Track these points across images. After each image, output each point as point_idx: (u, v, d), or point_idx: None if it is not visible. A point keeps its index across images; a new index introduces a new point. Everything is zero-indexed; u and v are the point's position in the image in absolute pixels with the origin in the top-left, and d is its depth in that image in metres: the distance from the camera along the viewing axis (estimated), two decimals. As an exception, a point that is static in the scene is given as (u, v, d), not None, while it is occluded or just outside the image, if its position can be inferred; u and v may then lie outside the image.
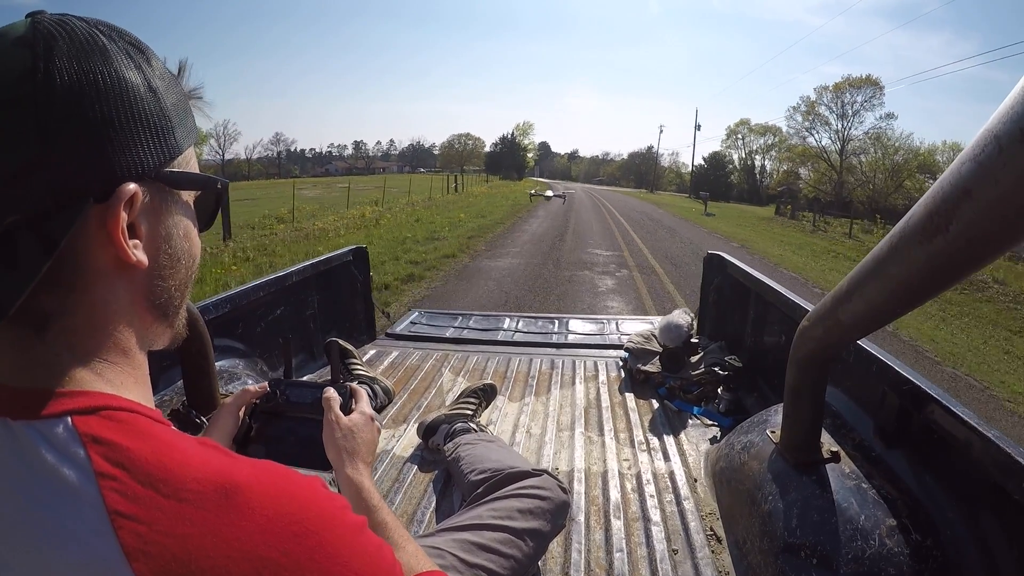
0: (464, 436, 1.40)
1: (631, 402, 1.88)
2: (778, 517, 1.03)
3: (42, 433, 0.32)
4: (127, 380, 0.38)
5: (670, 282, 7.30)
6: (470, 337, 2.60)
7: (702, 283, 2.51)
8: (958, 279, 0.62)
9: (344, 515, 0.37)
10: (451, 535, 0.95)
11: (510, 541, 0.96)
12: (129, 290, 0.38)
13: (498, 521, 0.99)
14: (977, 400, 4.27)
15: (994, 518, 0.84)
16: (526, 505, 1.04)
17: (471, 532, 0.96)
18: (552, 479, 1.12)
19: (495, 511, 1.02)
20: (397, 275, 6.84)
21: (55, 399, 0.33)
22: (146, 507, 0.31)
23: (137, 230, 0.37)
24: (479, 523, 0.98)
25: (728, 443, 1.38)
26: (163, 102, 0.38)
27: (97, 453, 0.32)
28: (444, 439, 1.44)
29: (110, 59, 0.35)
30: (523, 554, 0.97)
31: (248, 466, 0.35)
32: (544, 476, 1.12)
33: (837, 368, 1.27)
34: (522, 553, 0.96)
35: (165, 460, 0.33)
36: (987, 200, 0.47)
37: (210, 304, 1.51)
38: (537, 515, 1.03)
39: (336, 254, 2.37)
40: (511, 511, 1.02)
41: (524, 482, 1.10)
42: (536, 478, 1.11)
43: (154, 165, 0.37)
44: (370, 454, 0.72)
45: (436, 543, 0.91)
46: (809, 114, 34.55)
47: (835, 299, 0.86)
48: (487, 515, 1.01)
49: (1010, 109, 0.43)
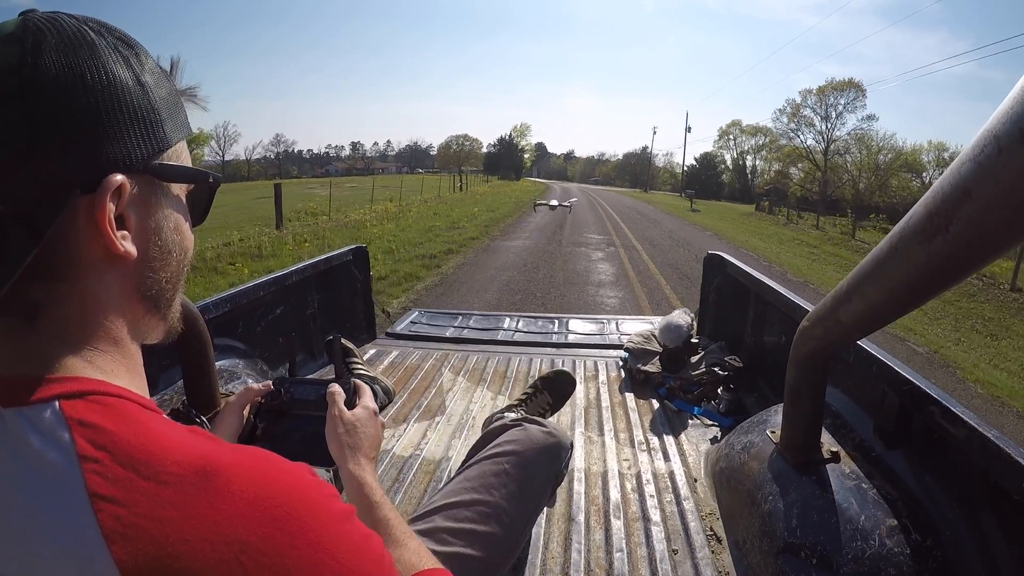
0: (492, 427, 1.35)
1: (631, 402, 1.88)
2: (778, 517, 1.03)
3: (30, 418, 0.32)
4: (118, 368, 0.39)
5: (647, 256, 9.80)
6: (470, 337, 2.60)
7: (702, 283, 2.51)
8: (958, 279, 0.62)
9: (329, 502, 0.37)
10: (423, 523, 0.88)
11: (486, 515, 0.89)
12: (119, 281, 0.39)
13: (470, 495, 0.92)
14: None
15: (994, 518, 0.84)
16: (500, 466, 0.96)
17: (443, 515, 0.89)
18: (532, 425, 1.04)
19: (468, 482, 0.95)
20: (439, 251, 9.01)
21: (44, 385, 0.34)
22: (126, 489, 0.31)
23: (126, 221, 0.38)
24: (451, 501, 0.91)
25: (728, 443, 1.38)
26: (152, 96, 0.39)
27: (82, 436, 0.32)
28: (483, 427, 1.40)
29: (98, 54, 0.36)
30: (504, 526, 0.90)
31: (231, 451, 0.35)
32: (521, 427, 1.04)
33: (837, 368, 1.27)
34: (502, 526, 0.90)
35: (148, 444, 0.33)
36: (987, 200, 0.47)
37: (210, 304, 1.51)
38: (513, 474, 0.95)
39: (336, 254, 2.37)
40: (484, 477, 0.95)
41: (497, 439, 1.03)
42: (510, 430, 1.04)
43: (142, 157, 0.38)
44: (373, 449, 0.71)
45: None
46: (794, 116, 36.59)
47: (835, 299, 0.86)
48: (459, 489, 0.94)
49: (1010, 109, 0.43)
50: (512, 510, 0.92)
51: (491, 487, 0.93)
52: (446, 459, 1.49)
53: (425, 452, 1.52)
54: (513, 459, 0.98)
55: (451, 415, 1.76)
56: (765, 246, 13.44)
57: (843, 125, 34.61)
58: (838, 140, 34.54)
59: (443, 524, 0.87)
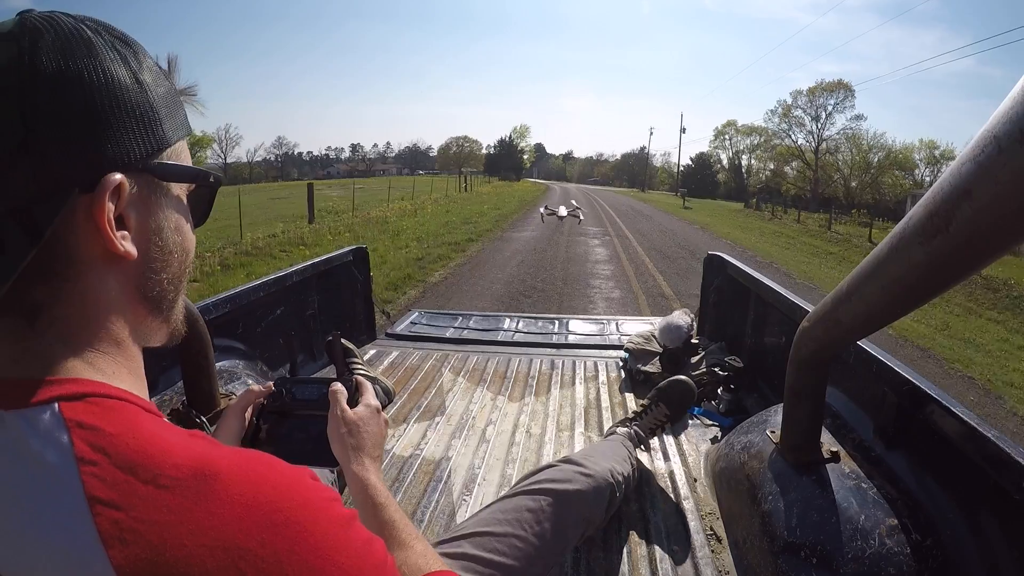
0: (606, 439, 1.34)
1: (631, 402, 1.88)
2: (778, 517, 1.03)
3: (29, 420, 0.32)
4: (119, 370, 0.38)
5: (637, 244, 11.54)
6: (470, 337, 2.60)
7: (702, 284, 2.52)
8: (958, 279, 0.62)
9: (330, 506, 0.36)
10: (452, 546, 0.88)
11: (515, 549, 0.89)
12: (120, 282, 0.38)
13: (503, 528, 0.92)
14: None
15: (994, 518, 0.84)
16: (537, 503, 0.96)
17: (472, 542, 0.89)
18: (572, 466, 1.04)
19: (503, 513, 0.95)
20: (461, 239, 10.67)
21: (45, 387, 0.34)
22: (123, 493, 0.31)
23: (126, 221, 0.37)
24: (483, 530, 0.91)
25: (728, 443, 1.38)
26: (150, 94, 0.38)
27: (80, 438, 0.32)
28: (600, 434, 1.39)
29: (95, 52, 0.36)
30: (530, 563, 0.90)
31: (230, 454, 0.35)
32: (561, 466, 1.05)
33: (837, 368, 1.27)
34: (529, 562, 0.90)
35: (146, 447, 0.32)
36: (987, 200, 0.47)
37: (210, 304, 1.51)
38: (548, 513, 0.95)
39: (336, 254, 2.37)
40: (520, 511, 0.95)
41: (539, 475, 1.03)
42: (553, 468, 1.04)
43: (141, 156, 0.37)
44: (377, 448, 0.70)
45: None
46: (785, 116, 39.30)
47: (835, 299, 0.86)
48: (492, 519, 0.94)
49: (1010, 109, 0.43)
50: (541, 548, 0.92)
51: (524, 522, 0.93)
52: (446, 459, 1.49)
53: (425, 452, 1.52)
54: (551, 498, 0.98)
55: (451, 415, 1.77)
56: (745, 237, 15.14)
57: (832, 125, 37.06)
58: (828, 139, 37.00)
59: (471, 551, 0.87)
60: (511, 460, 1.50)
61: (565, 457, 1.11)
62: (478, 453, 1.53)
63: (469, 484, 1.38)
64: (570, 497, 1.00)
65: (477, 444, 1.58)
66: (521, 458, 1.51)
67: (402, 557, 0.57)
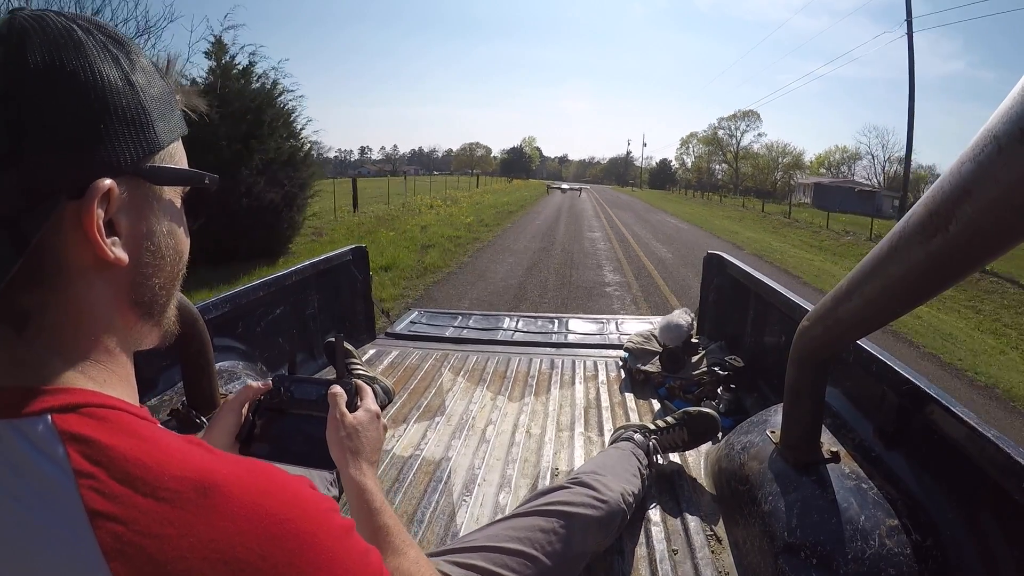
0: (619, 443, 1.34)
1: (631, 402, 1.88)
2: (778, 517, 1.03)
3: (23, 432, 0.32)
4: (111, 378, 0.38)
5: (608, 208, 24.96)
6: (470, 337, 2.60)
7: (702, 283, 2.51)
8: (958, 278, 0.62)
9: (329, 517, 0.36)
10: (463, 556, 0.88)
11: (525, 568, 0.89)
12: (111, 288, 0.38)
13: (516, 545, 0.91)
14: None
15: (994, 518, 0.84)
16: (550, 523, 0.96)
17: (483, 556, 0.88)
18: (586, 490, 1.04)
19: (515, 531, 0.94)
20: (496, 218, 15.15)
21: (36, 397, 0.33)
22: (124, 506, 0.30)
23: (116, 227, 0.36)
24: (496, 545, 0.91)
25: (728, 443, 1.38)
26: (142, 96, 0.37)
27: (76, 451, 0.31)
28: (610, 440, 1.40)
29: (85, 52, 0.35)
30: None
31: (230, 464, 0.35)
32: (574, 488, 1.05)
33: (837, 368, 1.27)
34: None
35: (144, 458, 0.32)
36: (987, 200, 0.47)
37: (210, 304, 1.50)
38: (561, 535, 0.95)
39: (336, 254, 2.37)
40: (533, 531, 0.94)
41: (552, 496, 1.03)
42: (566, 490, 1.04)
43: (131, 160, 0.36)
44: (375, 452, 0.69)
45: (439, 566, 0.83)
46: (713, 135, 66.60)
47: (835, 299, 0.86)
48: (505, 536, 0.93)
49: (1010, 109, 0.43)
50: (552, 569, 0.92)
51: (537, 542, 0.93)
52: (446, 459, 1.49)
53: (425, 452, 1.52)
54: (564, 521, 0.97)
55: (451, 415, 1.76)
56: (667, 205, 30.43)
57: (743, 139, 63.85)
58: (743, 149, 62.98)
59: (483, 565, 0.86)
60: (511, 460, 1.50)
61: (578, 478, 1.10)
62: (478, 453, 1.53)
63: (469, 484, 1.38)
64: (583, 523, 1.00)
65: (477, 444, 1.58)
66: (521, 458, 1.51)
67: (395, 563, 0.57)
